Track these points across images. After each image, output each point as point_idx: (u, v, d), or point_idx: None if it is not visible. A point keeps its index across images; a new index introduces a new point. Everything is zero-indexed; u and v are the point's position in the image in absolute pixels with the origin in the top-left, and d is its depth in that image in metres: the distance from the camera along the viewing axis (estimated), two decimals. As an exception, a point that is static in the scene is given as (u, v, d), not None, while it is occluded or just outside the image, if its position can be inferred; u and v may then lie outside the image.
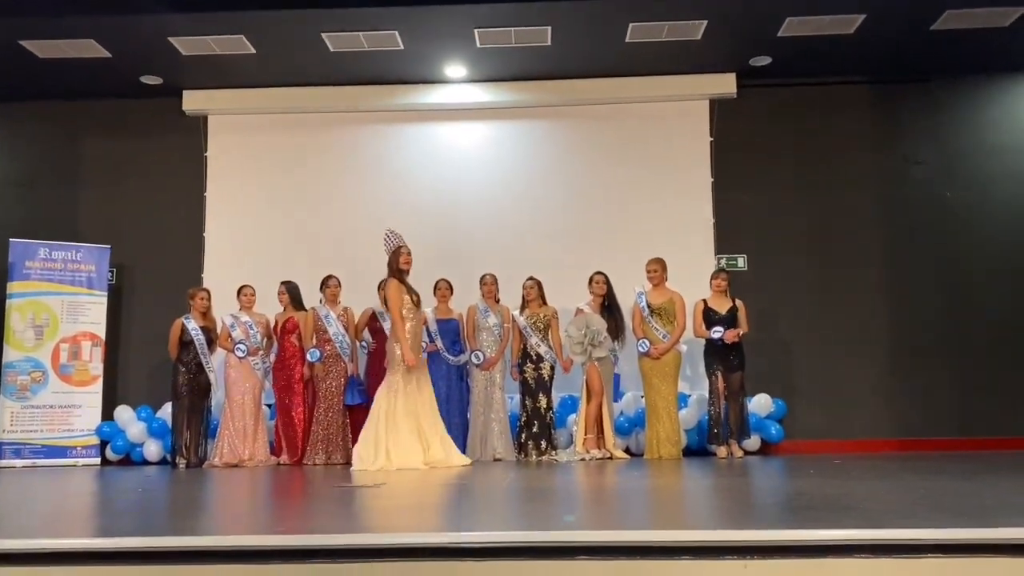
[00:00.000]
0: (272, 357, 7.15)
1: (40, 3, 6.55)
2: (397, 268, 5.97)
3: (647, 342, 6.77)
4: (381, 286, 6.39)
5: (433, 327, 7.07)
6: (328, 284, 7.15)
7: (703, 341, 6.93)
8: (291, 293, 7.19)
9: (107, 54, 7.35)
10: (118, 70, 7.70)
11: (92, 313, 7.66)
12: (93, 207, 8.35)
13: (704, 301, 6.93)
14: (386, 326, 6.91)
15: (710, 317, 6.85)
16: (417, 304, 5.90)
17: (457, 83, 8.15)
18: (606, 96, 8.11)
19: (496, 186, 8.23)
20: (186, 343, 6.99)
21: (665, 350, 6.75)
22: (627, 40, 7.24)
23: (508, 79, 8.07)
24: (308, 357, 6.97)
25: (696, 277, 7.32)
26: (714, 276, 6.96)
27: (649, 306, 6.86)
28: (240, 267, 7.89)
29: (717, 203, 8.01)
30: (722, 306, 6.88)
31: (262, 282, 7.37)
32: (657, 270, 6.93)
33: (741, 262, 7.98)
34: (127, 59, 7.52)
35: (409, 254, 6.07)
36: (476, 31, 7.09)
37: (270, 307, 7.28)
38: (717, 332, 6.72)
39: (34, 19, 6.76)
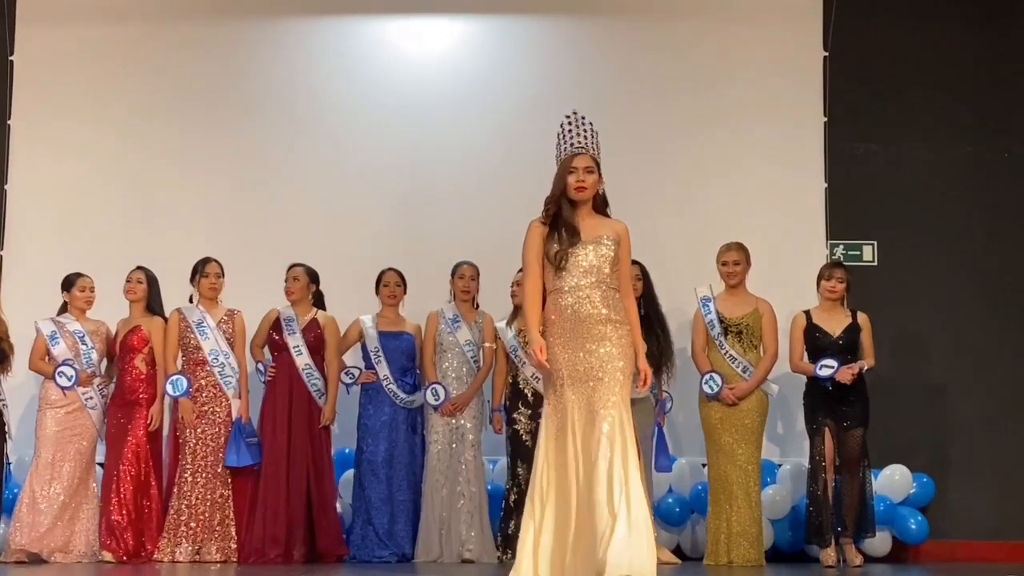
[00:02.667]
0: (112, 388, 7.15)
1: None
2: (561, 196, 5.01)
3: (717, 377, 6.77)
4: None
5: (373, 344, 7.14)
6: (204, 272, 7.14)
7: (802, 379, 6.97)
8: (149, 286, 7.16)
9: None
10: None
11: None
12: None
13: (807, 314, 6.94)
14: (292, 339, 6.99)
15: (817, 341, 6.84)
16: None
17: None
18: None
19: (477, 124, 8.24)
20: None
21: (745, 392, 6.74)
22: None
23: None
24: (167, 389, 6.95)
25: (796, 275, 7.42)
26: (824, 275, 6.97)
27: (721, 320, 6.88)
28: (66, 244, 7.91)
29: (832, 158, 8.05)
30: (836, 323, 6.88)
31: (105, 271, 7.32)
32: (737, 263, 6.93)
33: (868, 253, 8.03)
34: None
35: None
36: None
37: (116, 308, 7.26)
38: (827, 368, 6.71)
39: None
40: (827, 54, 8.11)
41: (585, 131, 4.96)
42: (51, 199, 8.20)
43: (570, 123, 5.00)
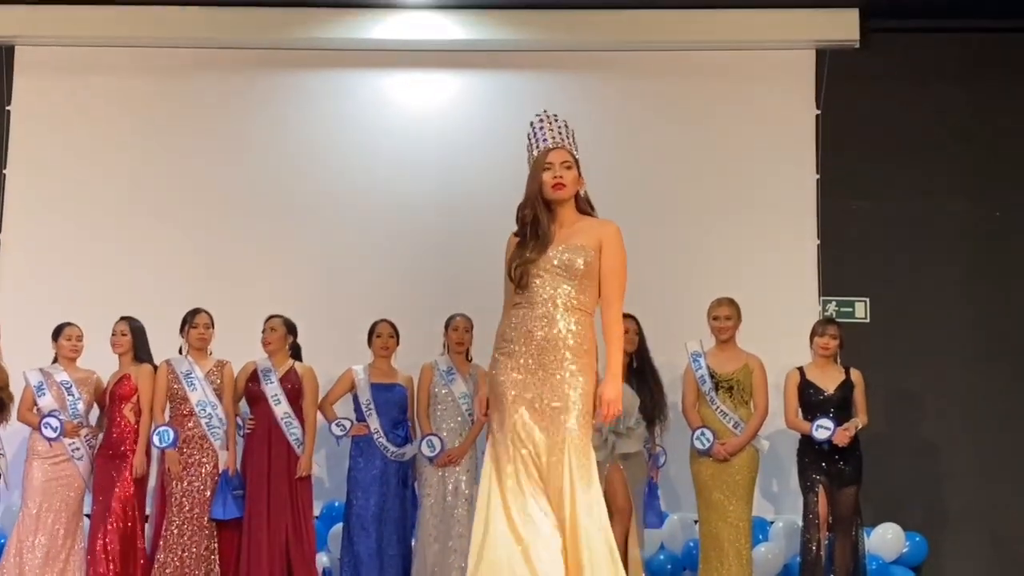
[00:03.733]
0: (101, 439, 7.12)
1: None
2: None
3: (708, 432, 6.72)
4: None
5: (365, 396, 7.11)
6: (193, 323, 7.11)
7: (795, 435, 6.94)
8: (135, 336, 7.13)
9: None
10: None
11: None
12: None
13: (800, 371, 6.90)
14: (269, 389, 6.99)
15: (810, 398, 6.80)
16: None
17: (416, 9, 8.27)
18: (651, 39, 8.25)
19: (472, 173, 8.27)
20: None
21: (737, 448, 6.71)
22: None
23: (496, 6, 8.20)
24: (154, 441, 6.90)
25: (788, 331, 7.37)
26: (817, 332, 6.94)
27: (712, 375, 6.86)
28: (56, 293, 7.91)
29: (824, 216, 8.09)
30: (829, 380, 6.85)
31: (94, 319, 7.29)
32: (728, 318, 6.91)
33: (860, 310, 8.04)
34: None
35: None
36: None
37: (105, 359, 7.24)
38: (823, 429, 6.66)
39: None
40: (819, 112, 8.17)
41: (560, 127, 4.57)
42: (45, 248, 8.20)
43: (541, 121, 4.61)
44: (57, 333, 7.15)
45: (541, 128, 4.57)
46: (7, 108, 8.33)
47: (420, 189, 8.28)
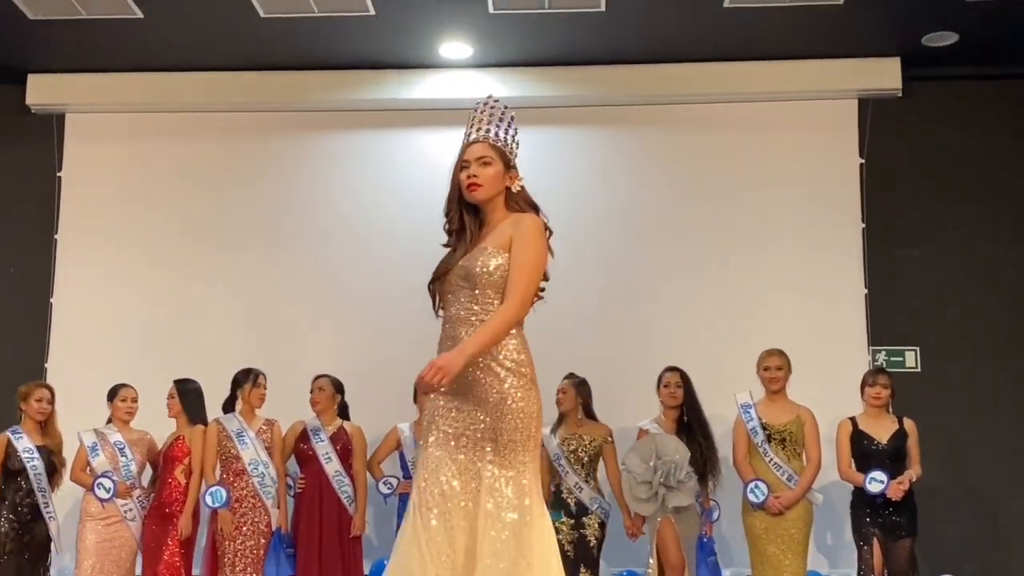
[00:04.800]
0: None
1: None
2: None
3: (762, 485, 6.65)
4: None
5: (411, 453, 7.10)
6: (252, 384, 7.14)
7: (849, 487, 6.86)
8: (186, 398, 7.16)
9: (-92, 17, 7.49)
10: (-74, 43, 7.84)
11: None
12: None
13: (853, 421, 6.83)
14: (320, 447, 7.00)
15: (864, 448, 6.73)
16: None
17: (459, 68, 8.36)
18: (690, 92, 8.30)
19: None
20: (13, 472, 6.92)
21: (791, 501, 6.63)
22: (726, 4, 7.35)
23: (536, 63, 8.27)
24: (207, 500, 6.90)
25: (838, 381, 7.34)
26: (868, 382, 6.89)
27: (764, 427, 6.82)
28: (108, 355, 7.99)
29: (872, 264, 8.10)
30: (883, 430, 6.77)
31: (148, 381, 7.34)
32: (779, 368, 6.87)
33: (910, 359, 8.01)
34: (-60, 26, 7.64)
35: None
36: (488, -11, 7.27)
37: (161, 422, 7.26)
38: (877, 482, 6.57)
39: None
40: (863, 161, 8.18)
41: (488, 116, 3.92)
42: (96, 311, 8.31)
43: (477, 111, 3.97)
44: (112, 394, 7.21)
45: (470, 121, 3.96)
46: (58, 174, 8.47)
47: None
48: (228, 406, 7.16)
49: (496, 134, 3.89)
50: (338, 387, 7.23)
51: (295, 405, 7.25)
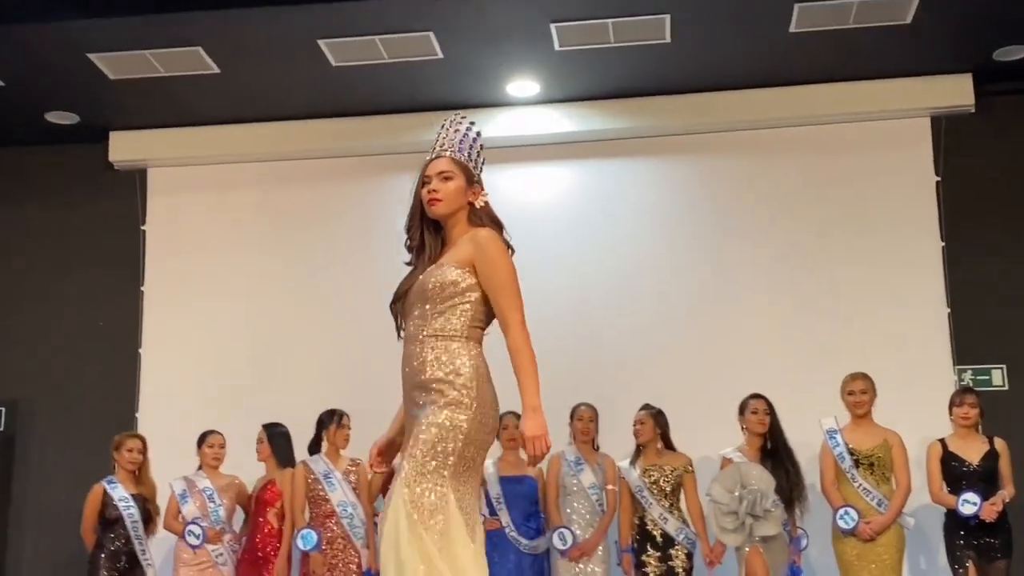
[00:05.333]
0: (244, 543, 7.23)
1: None
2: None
3: (852, 511, 6.61)
4: None
5: (495, 490, 7.11)
6: (337, 425, 7.20)
7: (941, 509, 6.78)
8: (274, 442, 7.27)
9: (-2, 82, 7.79)
10: (13, 104, 8.07)
11: (-32, 477, 7.92)
12: (-27, 313, 8.70)
13: (942, 443, 6.77)
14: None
15: (954, 470, 6.67)
16: None
17: (526, 105, 8.42)
18: (759, 118, 8.30)
19: (589, 261, 8.35)
20: (110, 520, 7.03)
21: (883, 526, 6.58)
22: (792, 29, 7.34)
23: (604, 96, 8.32)
24: (298, 543, 6.95)
25: (923, 402, 7.27)
26: (956, 402, 6.83)
27: (851, 452, 6.77)
28: (196, 403, 8.10)
29: (953, 282, 8.00)
30: (973, 451, 6.71)
31: (236, 427, 7.47)
32: (864, 392, 6.82)
33: (997, 377, 7.89)
34: (26, 88, 7.88)
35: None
36: (554, 27, 7.26)
37: (250, 466, 7.37)
38: (970, 504, 6.50)
39: None
40: (939, 179, 8.10)
41: (453, 132, 3.90)
42: (183, 359, 8.45)
43: (442, 128, 3.95)
44: (200, 441, 7.33)
45: (437, 135, 3.94)
46: (142, 228, 8.64)
47: (537, 281, 8.29)
48: (313, 447, 7.23)
49: (459, 149, 3.86)
50: None
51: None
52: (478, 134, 3.91)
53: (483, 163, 3.94)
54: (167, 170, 8.77)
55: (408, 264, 3.92)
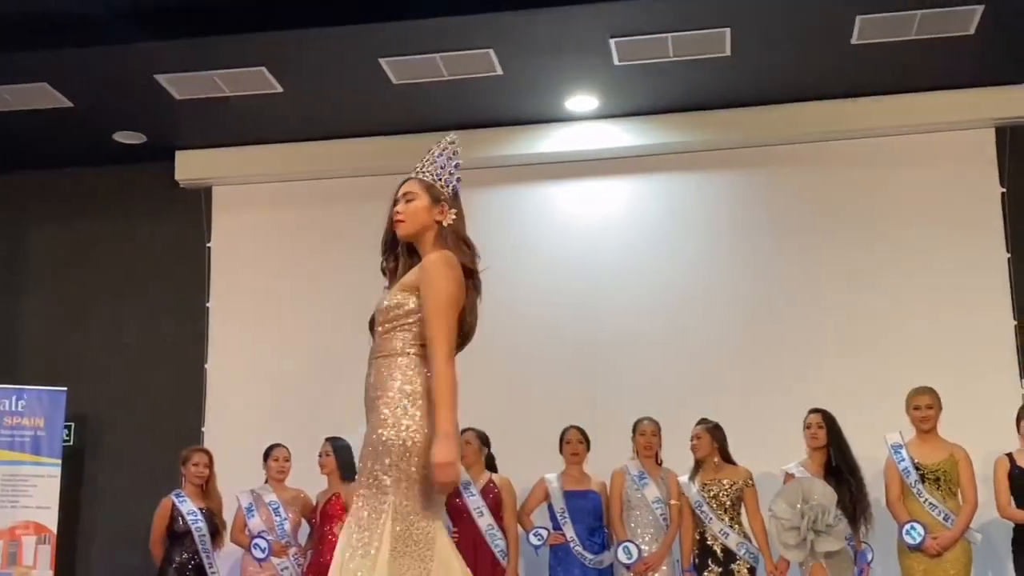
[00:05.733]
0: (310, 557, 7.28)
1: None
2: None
3: (919, 527, 6.55)
4: None
5: (559, 504, 7.12)
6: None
7: (1009, 524, 6.70)
8: (339, 456, 7.28)
9: (66, 103, 7.87)
10: (82, 125, 8.23)
11: (39, 491, 7.93)
12: (44, 330, 8.86)
13: (1010, 457, 6.70)
14: (471, 501, 7.04)
15: (1023, 485, 6.64)
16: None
17: (585, 120, 8.45)
18: (820, 131, 8.27)
19: (649, 276, 8.36)
20: (179, 534, 7.14)
21: (950, 541, 6.51)
22: (854, 41, 7.32)
23: (663, 111, 8.33)
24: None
25: (989, 417, 7.19)
26: (1023, 415, 6.80)
27: (917, 467, 6.72)
28: (261, 417, 8.21)
29: (1019, 294, 7.93)
30: (1041, 465, 6.65)
31: (301, 441, 7.56)
32: (930, 407, 6.77)
33: (1066, 389, 7.76)
34: (95, 109, 8.03)
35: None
36: (613, 42, 7.29)
37: (313, 480, 7.43)
38: (1039, 518, 6.47)
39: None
40: (1004, 190, 8.02)
41: (431, 157, 3.90)
42: (248, 374, 8.56)
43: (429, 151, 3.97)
44: (266, 455, 7.42)
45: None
46: (208, 245, 8.76)
47: (597, 295, 8.37)
48: None
49: (425, 170, 3.85)
50: (484, 440, 7.30)
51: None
52: (454, 153, 3.89)
53: (457, 182, 3.91)
54: (232, 188, 8.89)
55: (387, 288, 3.90)
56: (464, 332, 3.79)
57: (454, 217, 3.84)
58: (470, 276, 3.80)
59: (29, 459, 8.08)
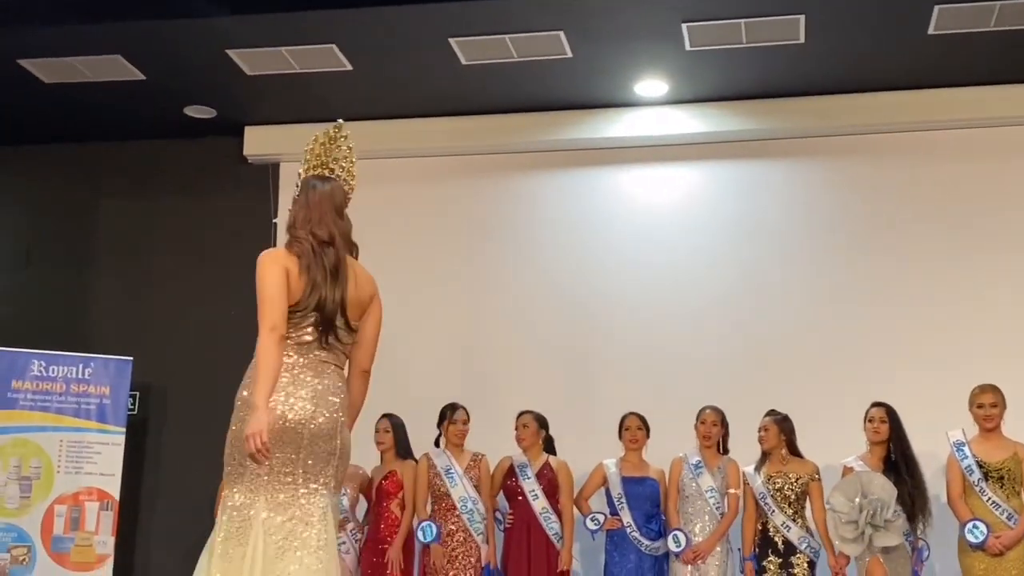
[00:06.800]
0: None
1: (45, 5, 7.19)
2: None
3: (982, 525, 6.47)
4: None
5: (617, 490, 7.17)
6: (452, 418, 7.29)
7: (1076, 527, 6.64)
8: (396, 433, 7.40)
9: (139, 75, 8.01)
10: (154, 98, 8.37)
11: (103, 459, 8.07)
12: (111, 300, 9.04)
13: (1077, 457, 6.63)
14: (527, 484, 7.11)
15: (1088, 486, 6.52)
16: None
17: (655, 106, 8.45)
18: (892, 121, 8.22)
19: (717, 265, 8.37)
20: None
21: (1014, 540, 6.42)
22: (930, 31, 7.26)
23: (734, 98, 8.32)
24: (419, 535, 7.10)
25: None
26: (1091, 416, 6.71)
27: (980, 465, 6.66)
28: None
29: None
30: (1108, 466, 6.56)
31: (360, 417, 7.68)
32: (994, 405, 6.69)
33: None
34: (167, 82, 8.15)
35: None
36: (685, 27, 7.28)
37: (371, 454, 7.48)
38: (1106, 519, 6.37)
39: (36, 29, 7.39)
40: (1085, 182, 7.93)
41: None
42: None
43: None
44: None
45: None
46: (274, 220, 8.84)
47: (663, 282, 8.39)
48: (437, 441, 7.37)
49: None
50: (542, 423, 7.35)
51: (500, 440, 7.41)
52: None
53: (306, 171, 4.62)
54: (299, 165, 8.95)
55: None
56: (308, 308, 4.23)
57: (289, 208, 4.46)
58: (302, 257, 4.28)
59: (95, 427, 8.22)
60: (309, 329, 4.23)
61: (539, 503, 7.09)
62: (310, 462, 4.10)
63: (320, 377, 4.19)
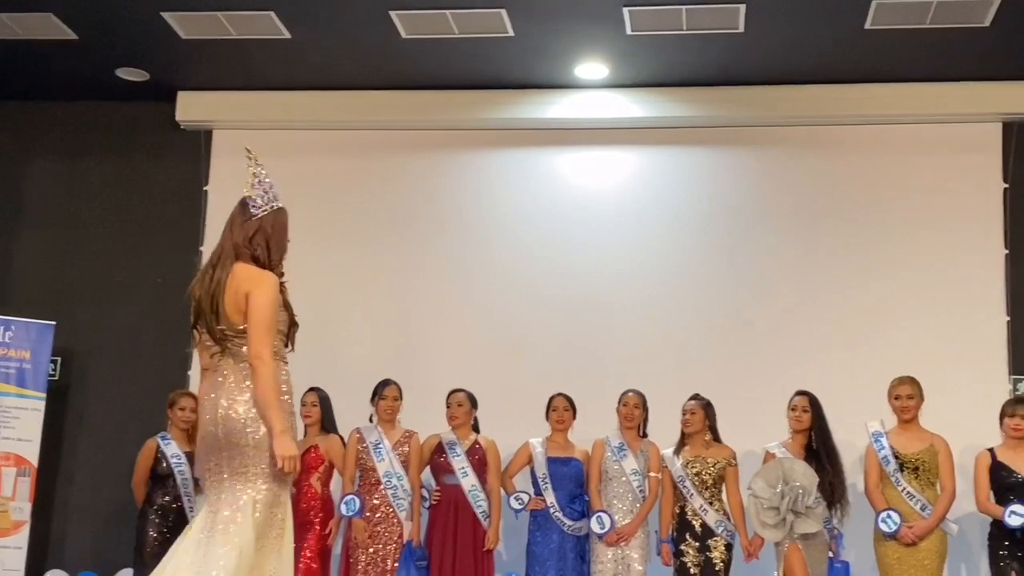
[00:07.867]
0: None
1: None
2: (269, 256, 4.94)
3: (895, 515, 6.62)
4: None
5: (542, 470, 7.19)
6: (382, 394, 7.27)
7: (985, 519, 6.79)
8: (323, 407, 7.36)
9: (71, 35, 7.85)
10: (85, 59, 8.22)
11: (21, 424, 7.98)
12: (35, 263, 8.90)
13: (991, 452, 6.74)
14: (457, 461, 7.13)
15: (1003, 480, 6.64)
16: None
17: (594, 88, 8.47)
18: (829, 114, 8.32)
19: (649, 250, 8.44)
20: (161, 477, 7.16)
21: (925, 531, 6.59)
22: (867, 26, 7.34)
23: (673, 84, 8.36)
24: (341, 509, 7.08)
25: (975, 410, 7.25)
26: (1007, 412, 6.79)
27: (896, 455, 6.79)
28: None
29: (1015, 289, 7.97)
30: (1022, 462, 6.67)
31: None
32: (911, 396, 6.83)
33: (1053, 388, 7.82)
34: (99, 43, 8.00)
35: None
36: (626, 11, 7.29)
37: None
38: (1017, 516, 6.45)
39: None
40: (1007, 186, 8.07)
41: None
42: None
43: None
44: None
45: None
46: (205, 188, 8.77)
47: (596, 265, 8.43)
48: (372, 416, 7.35)
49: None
50: (473, 402, 7.35)
51: (426, 417, 7.40)
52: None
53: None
54: (232, 132, 8.83)
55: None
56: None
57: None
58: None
59: (13, 391, 8.11)
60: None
61: (468, 481, 7.11)
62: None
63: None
